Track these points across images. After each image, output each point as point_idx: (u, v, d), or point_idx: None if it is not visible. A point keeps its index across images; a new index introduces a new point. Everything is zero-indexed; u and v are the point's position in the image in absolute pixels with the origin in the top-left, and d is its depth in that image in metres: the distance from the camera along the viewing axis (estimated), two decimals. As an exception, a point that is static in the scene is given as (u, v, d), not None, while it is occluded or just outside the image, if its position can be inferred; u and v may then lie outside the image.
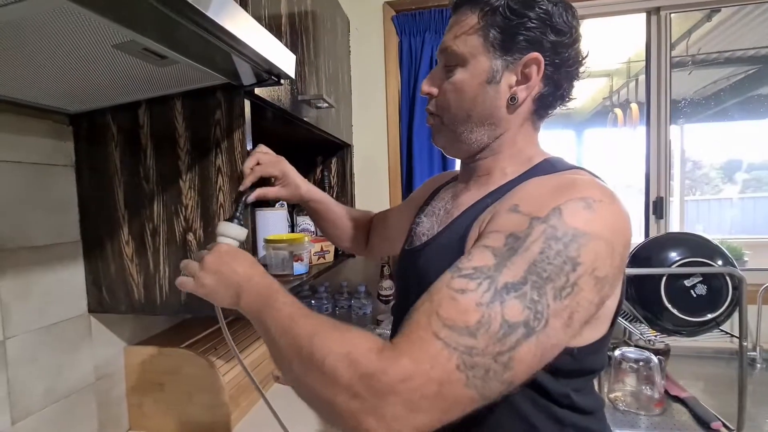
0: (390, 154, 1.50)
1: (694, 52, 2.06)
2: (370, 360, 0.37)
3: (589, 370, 0.49)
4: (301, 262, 1.02)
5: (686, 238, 0.96)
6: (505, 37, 0.52)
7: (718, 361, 1.29)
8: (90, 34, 0.45)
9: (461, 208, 0.56)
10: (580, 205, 0.41)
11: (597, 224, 0.40)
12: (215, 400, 0.87)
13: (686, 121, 3.22)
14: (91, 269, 0.79)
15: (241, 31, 0.51)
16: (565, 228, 0.40)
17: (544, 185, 0.47)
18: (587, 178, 0.47)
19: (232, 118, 0.71)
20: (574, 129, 3.65)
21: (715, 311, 0.89)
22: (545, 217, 0.41)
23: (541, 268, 0.38)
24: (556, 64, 0.52)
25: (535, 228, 0.40)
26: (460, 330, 0.37)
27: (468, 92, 0.54)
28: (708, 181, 4.35)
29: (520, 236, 0.41)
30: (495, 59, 0.52)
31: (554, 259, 0.39)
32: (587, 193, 0.42)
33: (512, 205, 0.45)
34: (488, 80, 0.53)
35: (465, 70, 0.54)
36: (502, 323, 0.37)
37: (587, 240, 0.39)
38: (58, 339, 0.75)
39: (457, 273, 0.41)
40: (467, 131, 0.56)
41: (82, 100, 0.70)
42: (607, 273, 0.41)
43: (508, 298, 0.38)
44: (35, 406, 0.70)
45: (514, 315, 0.37)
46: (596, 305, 0.42)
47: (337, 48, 1.30)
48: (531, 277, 0.38)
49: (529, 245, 0.40)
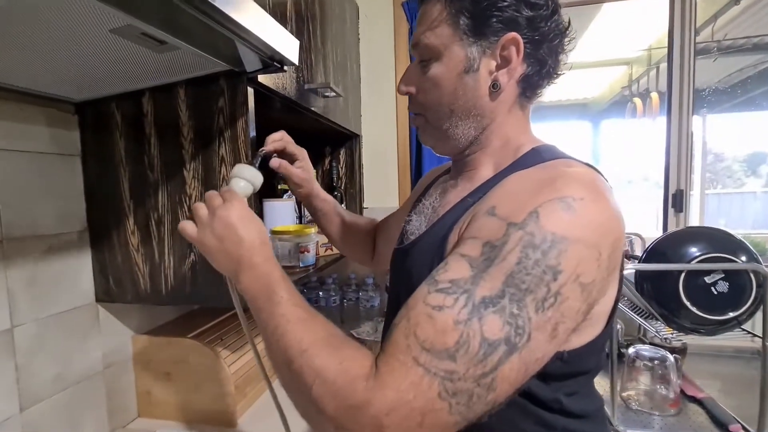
0: (399, 144, 1.48)
1: (719, 38, 1.96)
2: (356, 391, 0.37)
3: (582, 372, 0.47)
4: (307, 254, 1.01)
5: (707, 232, 0.92)
6: (476, 21, 0.48)
7: (738, 360, 1.24)
8: (86, 18, 0.44)
9: (446, 207, 0.53)
10: (558, 207, 0.38)
11: (577, 227, 0.37)
12: (221, 390, 0.88)
13: (709, 111, 3.10)
14: (98, 258, 0.79)
15: (243, 17, 0.49)
16: (543, 234, 0.37)
17: (523, 181, 0.44)
18: (570, 171, 0.43)
19: (235, 106, 0.70)
20: (590, 120, 3.55)
21: (737, 309, 0.84)
22: (522, 223, 0.38)
23: (519, 279, 0.36)
24: (536, 40, 0.48)
25: (512, 235, 0.38)
26: (439, 353, 0.36)
27: (447, 86, 0.51)
28: (730, 174, 4.21)
29: (496, 245, 0.38)
30: (469, 46, 0.49)
31: (533, 269, 0.36)
32: (567, 192, 0.39)
33: (490, 207, 0.42)
34: (466, 70, 0.50)
35: (440, 63, 0.51)
36: (482, 342, 0.35)
37: (567, 245, 0.37)
38: (66, 327, 0.75)
39: (434, 287, 0.39)
40: (453, 127, 0.53)
41: (86, 88, 0.69)
42: (593, 277, 0.38)
43: (486, 313, 0.36)
44: (44, 393, 0.71)
45: (494, 332, 0.35)
46: (584, 312, 0.39)
47: (346, 35, 1.28)
48: (509, 289, 0.36)
49: (506, 255, 0.37)
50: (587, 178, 0.42)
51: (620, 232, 0.41)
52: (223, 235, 0.49)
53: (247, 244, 0.49)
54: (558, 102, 3.53)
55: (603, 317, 0.45)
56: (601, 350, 0.49)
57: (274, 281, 0.47)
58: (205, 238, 0.50)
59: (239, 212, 0.50)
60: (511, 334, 0.36)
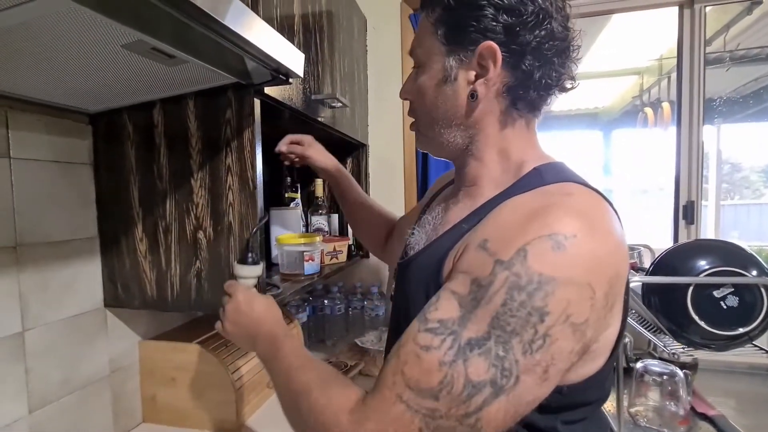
0: (406, 154, 1.49)
1: (732, 48, 1.94)
2: (340, 423, 0.41)
3: (584, 403, 0.45)
4: (312, 262, 1.02)
5: (717, 245, 0.90)
6: (453, 31, 0.49)
7: (752, 377, 1.20)
8: (99, 34, 0.46)
9: (446, 226, 0.53)
10: (548, 245, 0.36)
11: (567, 266, 0.36)
12: (226, 396, 0.88)
13: (723, 121, 3.05)
14: (107, 264, 0.81)
15: (250, 33, 0.50)
16: (530, 274, 0.36)
17: (516, 212, 0.42)
18: (568, 201, 0.41)
19: (242, 118, 0.71)
20: (601, 129, 3.52)
21: (747, 325, 0.82)
22: (509, 262, 0.37)
23: (504, 321, 0.36)
24: (516, 50, 0.46)
25: (498, 275, 0.37)
26: (422, 392, 0.37)
27: (428, 95, 0.53)
28: (748, 185, 4.12)
29: (483, 284, 0.38)
30: (447, 56, 0.50)
31: (518, 311, 0.36)
32: (558, 228, 0.37)
33: (482, 240, 0.41)
34: (444, 80, 0.51)
35: (424, 73, 0.53)
36: (466, 384, 0.36)
37: (554, 287, 0.35)
38: (74, 332, 0.77)
39: (424, 325, 0.40)
40: (437, 135, 0.54)
41: (99, 100, 0.72)
42: (586, 317, 0.37)
43: (472, 355, 0.36)
44: (52, 395, 0.73)
45: (479, 374, 0.36)
46: (578, 353, 0.39)
47: (353, 47, 1.30)
48: (495, 331, 0.36)
49: (492, 296, 0.37)
50: (585, 208, 0.40)
51: (620, 267, 0.40)
52: (236, 320, 0.60)
53: (256, 317, 0.59)
54: (568, 111, 3.51)
55: (606, 350, 0.44)
56: (605, 381, 0.47)
57: (281, 340, 0.56)
58: (227, 328, 0.61)
59: (242, 297, 0.61)
60: (497, 376, 0.36)
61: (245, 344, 0.61)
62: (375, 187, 1.49)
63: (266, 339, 0.57)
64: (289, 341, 0.55)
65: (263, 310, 0.60)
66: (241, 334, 0.60)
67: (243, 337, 0.60)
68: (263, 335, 0.58)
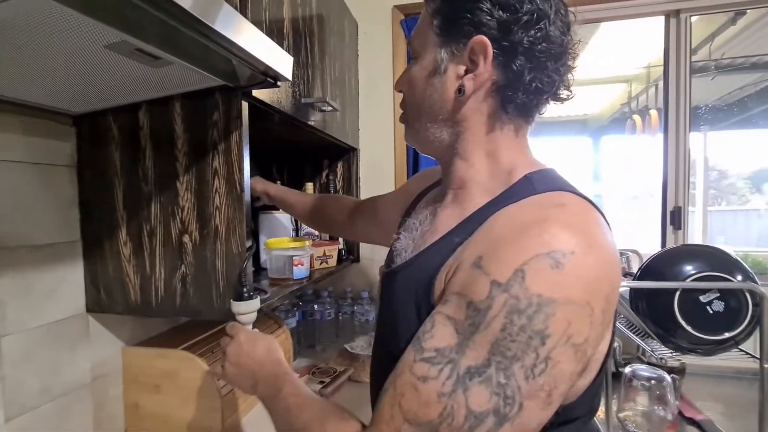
0: (396, 158, 1.49)
1: (717, 57, 1.98)
2: None
3: (576, 418, 0.44)
4: (301, 267, 1.01)
5: (703, 250, 0.91)
6: (447, 23, 0.47)
7: (739, 381, 1.21)
8: (80, 34, 0.45)
9: (434, 235, 0.50)
10: (546, 264, 0.35)
11: (566, 286, 0.35)
12: (211, 404, 0.86)
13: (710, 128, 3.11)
14: (90, 269, 0.79)
15: (237, 36, 0.50)
16: (529, 297, 0.34)
17: (510, 226, 0.40)
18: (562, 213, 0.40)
19: (229, 120, 0.71)
20: (590, 136, 3.56)
21: (732, 330, 0.83)
22: (507, 284, 0.35)
23: (504, 346, 0.34)
24: (508, 47, 0.44)
25: (496, 299, 0.35)
26: (421, 426, 0.36)
27: (417, 86, 0.52)
28: (735, 191, 4.19)
29: (480, 308, 0.36)
30: (440, 48, 0.49)
31: (518, 336, 0.34)
32: (555, 245, 0.36)
33: (476, 258, 0.39)
34: (434, 72, 0.50)
35: (417, 64, 0.52)
36: (467, 415, 0.34)
37: (554, 308, 0.34)
38: (55, 338, 0.75)
39: (420, 354, 0.38)
40: (424, 129, 0.53)
41: (83, 101, 0.71)
42: (586, 336, 0.36)
43: (472, 384, 0.35)
44: (30, 404, 0.71)
45: (480, 404, 0.34)
46: (578, 373, 0.38)
47: (344, 51, 1.30)
48: (495, 358, 0.35)
49: (490, 321, 0.35)
50: (579, 222, 0.39)
51: (615, 281, 0.39)
52: (237, 362, 0.60)
53: (257, 362, 0.59)
54: (558, 117, 3.56)
55: (598, 364, 0.43)
56: (597, 394, 0.46)
57: (281, 381, 0.56)
58: (227, 371, 0.60)
59: (243, 337, 0.61)
60: (499, 404, 0.34)
61: (246, 386, 0.60)
62: (366, 190, 1.49)
63: (267, 380, 0.57)
64: (289, 381, 0.55)
65: (264, 351, 0.60)
66: (243, 375, 0.59)
67: (244, 378, 0.59)
68: (264, 377, 0.57)
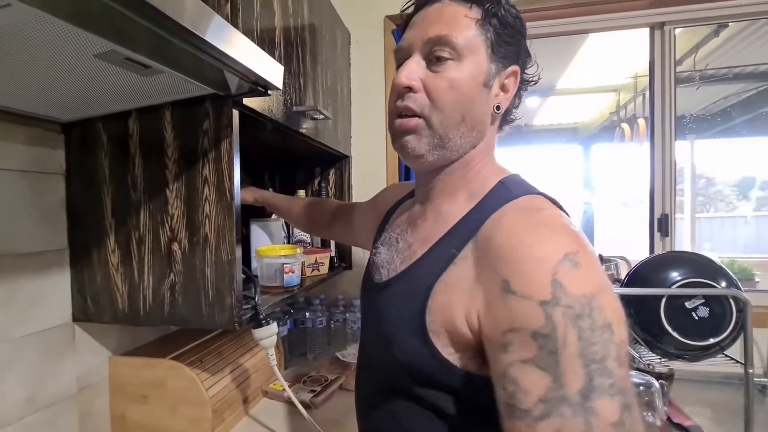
0: (388, 166, 1.50)
1: (701, 68, 2.03)
2: None
3: None
4: (292, 274, 1.01)
5: (688, 257, 0.92)
6: (499, 42, 0.50)
7: (727, 387, 1.22)
8: (69, 43, 0.45)
9: (424, 245, 0.52)
10: (569, 267, 0.38)
11: (592, 279, 0.38)
12: (199, 414, 0.85)
13: (697, 137, 3.17)
14: (77, 277, 0.78)
15: (228, 47, 0.50)
16: (578, 300, 0.37)
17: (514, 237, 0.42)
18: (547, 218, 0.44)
19: (220, 128, 0.71)
20: (581, 144, 3.62)
21: (717, 335, 0.84)
22: (554, 299, 0.37)
23: (590, 352, 0.36)
24: (523, 80, 0.54)
25: (554, 316, 0.37)
26: None
27: (466, 92, 0.49)
28: (722, 198, 4.27)
29: (546, 332, 0.37)
30: (490, 61, 0.50)
31: (593, 337, 0.36)
32: (565, 248, 0.39)
33: (502, 282, 0.40)
34: (485, 82, 0.50)
35: (460, 66, 0.48)
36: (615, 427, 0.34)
37: (599, 300, 0.37)
38: (40, 348, 0.74)
39: (529, 418, 0.36)
40: (457, 136, 0.50)
41: (72, 109, 0.71)
42: (620, 305, 0.39)
43: (593, 403, 0.35)
44: (13, 415, 0.69)
45: (612, 412, 0.35)
46: None
47: (336, 60, 1.31)
48: (590, 367, 0.35)
49: (564, 338, 0.36)
50: (561, 222, 0.43)
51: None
52: None
53: None
54: (549, 126, 3.61)
55: None
56: None
57: None
58: None
59: None
60: (622, 401, 0.35)
61: None
62: (358, 197, 1.49)
63: None
64: None
65: None
66: None
67: None
68: None
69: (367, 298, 0.60)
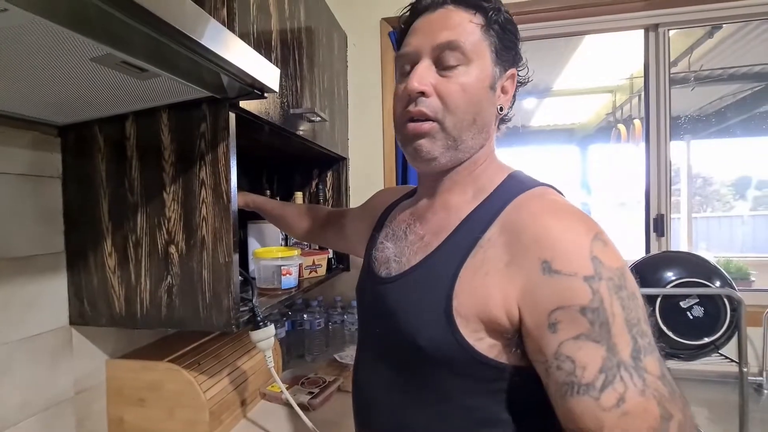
0: (386, 168, 1.50)
1: (696, 69, 2.04)
2: None
3: None
4: (290, 276, 1.01)
5: (682, 257, 0.93)
6: (501, 46, 0.53)
7: (723, 385, 1.23)
8: (66, 47, 0.45)
9: (439, 236, 0.52)
10: (599, 244, 0.42)
11: (617, 253, 0.43)
12: (197, 417, 0.85)
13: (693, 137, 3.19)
14: (74, 281, 0.78)
15: (224, 50, 0.51)
16: (615, 272, 0.41)
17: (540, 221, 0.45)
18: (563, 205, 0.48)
19: (216, 131, 0.71)
20: (578, 144, 3.63)
21: (712, 335, 0.85)
22: (596, 273, 0.41)
23: (632, 317, 0.40)
24: (518, 81, 0.57)
25: (601, 290, 0.40)
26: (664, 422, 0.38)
27: (475, 95, 0.51)
28: (719, 198, 4.29)
29: (595, 306, 0.40)
30: (494, 66, 0.53)
31: (630, 303, 0.41)
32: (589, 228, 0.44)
33: (542, 264, 0.42)
34: (491, 85, 0.53)
35: (469, 70, 0.51)
36: (663, 381, 0.39)
37: (626, 271, 0.42)
38: (37, 351, 0.74)
39: (592, 390, 0.39)
40: (469, 137, 0.52)
41: (69, 112, 0.71)
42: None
43: (644, 365, 0.39)
44: (10, 419, 0.69)
45: (655, 368, 0.39)
46: None
47: (333, 62, 1.31)
48: (633, 331, 0.40)
49: (612, 309, 0.40)
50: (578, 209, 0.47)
51: None
52: None
53: None
54: (546, 127, 3.62)
55: None
56: None
57: None
58: None
59: None
60: (657, 356, 0.40)
61: None
62: (355, 199, 1.49)
63: None
64: None
65: None
66: None
67: None
68: None
69: (372, 294, 0.59)
